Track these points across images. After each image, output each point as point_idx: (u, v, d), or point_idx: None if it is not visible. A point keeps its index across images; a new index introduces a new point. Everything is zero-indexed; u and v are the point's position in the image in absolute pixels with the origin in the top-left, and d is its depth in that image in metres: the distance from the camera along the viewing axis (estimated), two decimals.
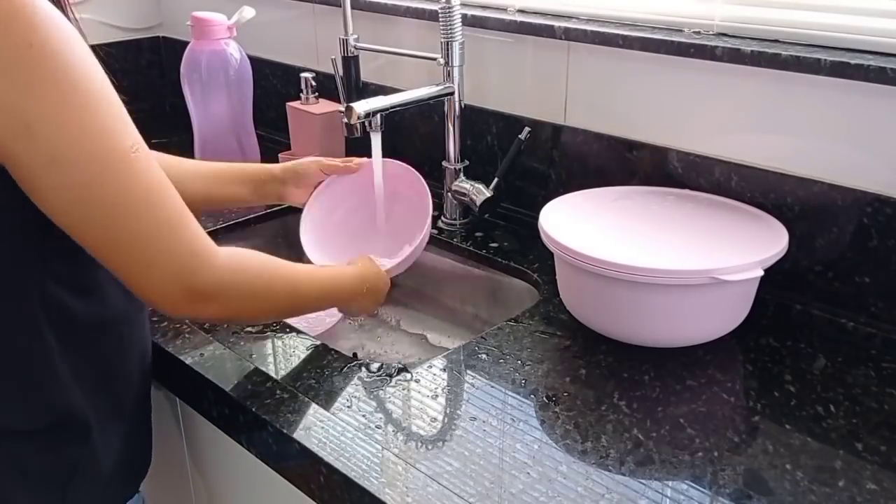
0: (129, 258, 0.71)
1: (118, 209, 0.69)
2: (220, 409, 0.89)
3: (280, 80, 1.65)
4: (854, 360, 0.92)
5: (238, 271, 0.78)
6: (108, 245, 0.71)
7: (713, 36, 1.05)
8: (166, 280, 0.72)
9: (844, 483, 0.73)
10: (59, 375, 0.76)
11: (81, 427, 0.80)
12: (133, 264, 0.71)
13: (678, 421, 0.82)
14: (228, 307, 0.77)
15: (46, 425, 0.78)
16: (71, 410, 0.78)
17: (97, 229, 0.70)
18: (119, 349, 0.83)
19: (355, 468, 0.75)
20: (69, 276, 0.75)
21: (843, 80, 0.92)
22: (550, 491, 0.72)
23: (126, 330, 0.83)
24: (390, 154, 1.17)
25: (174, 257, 0.72)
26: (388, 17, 1.39)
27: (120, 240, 0.70)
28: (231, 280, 0.77)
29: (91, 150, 0.67)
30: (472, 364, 0.93)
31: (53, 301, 0.74)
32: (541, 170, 1.25)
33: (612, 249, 0.90)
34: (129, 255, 0.71)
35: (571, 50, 1.17)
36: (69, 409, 0.78)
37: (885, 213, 0.93)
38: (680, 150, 1.09)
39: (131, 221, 0.70)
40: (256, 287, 0.81)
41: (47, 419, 0.78)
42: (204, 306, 0.75)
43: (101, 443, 0.82)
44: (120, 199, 0.69)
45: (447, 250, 1.26)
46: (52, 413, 0.77)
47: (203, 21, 1.37)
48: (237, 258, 0.79)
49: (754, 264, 0.87)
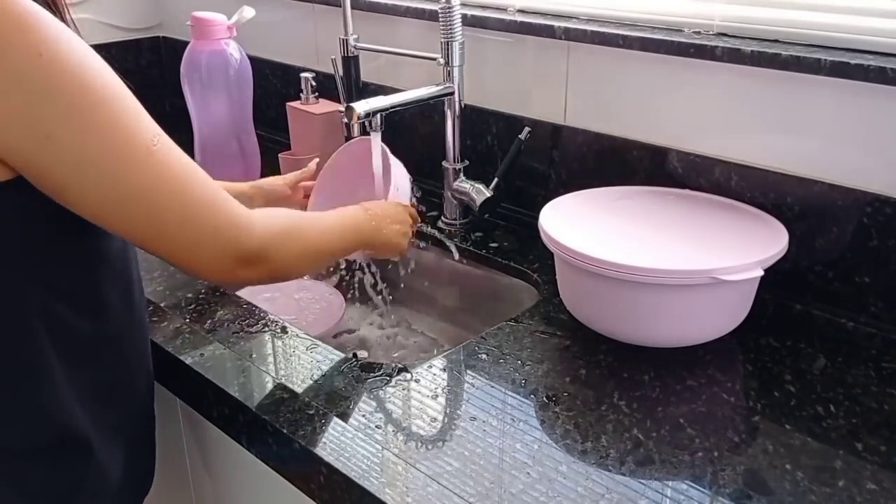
0: (176, 242, 0.73)
1: (152, 199, 0.70)
2: (220, 409, 0.89)
3: (280, 80, 1.65)
4: (854, 360, 0.92)
5: (276, 229, 0.81)
6: (152, 234, 0.72)
7: (713, 36, 1.05)
8: (215, 253, 0.75)
9: (844, 483, 0.73)
10: (60, 393, 0.76)
11: (83, 445, 0.79)
12: (181, 247, 0.74)
13: (678, 421, 0.82)
14: (275, 266, 0.81)
15: (47, 443, 0.77)
16: (72, 428, 0.78)
17: (137, 222, 0.71)
18: (119, 365, 0.83)
19: (355, 468, 0.75)
20: (71, 292, 0.75)
21: (843, 80, 0.92)
22: (550, 491, 0.72)
23: (126, 346, 0.84)
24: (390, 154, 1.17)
25: (218, 231, 0.75)
26: (388, 17, 1.39)
27: (162, 227, 0.72)
28: (273, 239, 0.80)
29: (113, 147, 0.68)
30: (472, 364, 0.93)
31: (54, 317, 0.74)
32: (541, 170, 1.25)
33: (612, 249, 0.90)
34: (175, 239, 0.73)
35: (571, 50, 1.17)
36: (70, 426, 0.77)
37: (885, 213, 0.93)
38: (680, 150, 1.09)
39: (168, 208, 0.71)
40: (293, 239, 0.84)
41: (48, 437, 0.77)
42: (254, 269, 0.78)
43: (105, 460, 0.81)
44: (152, 189, 0.70)
45: (447, 250, 1.26)
46: (53, 431, 0.77)
47: (203, 21, 1.37)
48: (272, 218, 0.82)
49: (754, 264, 0.87)
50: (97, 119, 0.67)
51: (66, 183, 0.67)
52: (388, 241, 1.02)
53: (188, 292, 1.08)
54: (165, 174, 0.71)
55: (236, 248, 0.76)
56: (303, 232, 0.86)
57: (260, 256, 0.78)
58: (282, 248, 0.81)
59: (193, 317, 1.02)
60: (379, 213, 1.01)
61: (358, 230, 0.97)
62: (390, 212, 1.03)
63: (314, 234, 0.89)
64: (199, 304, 1.06)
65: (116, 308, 0.80)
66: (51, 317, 0.74)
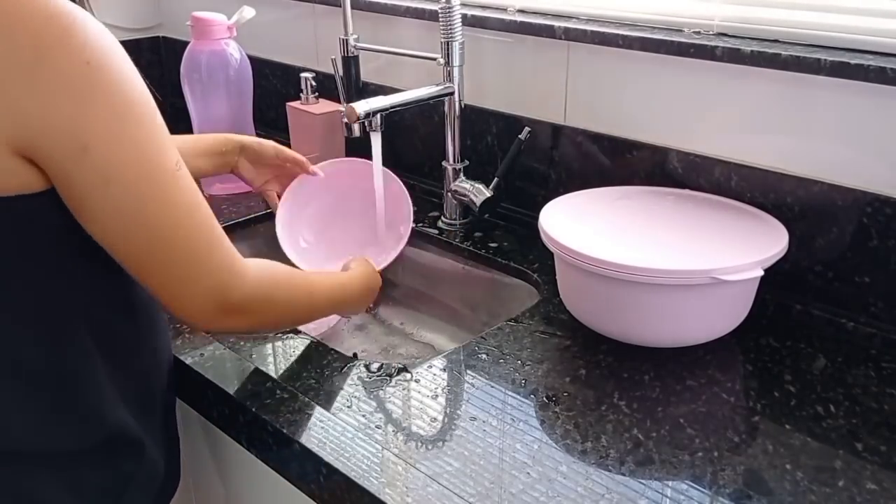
0: (169, 275, 0.72)
1: (162, 227, 0.69)
2: (220, 409, 0.89)
3: (280, 80, 1.65)
4: (854, 360, 0.92)
5: (266, 285, 0.79)
6: (149, 262, 0.71)
7: (713, 36, 1.05)
8: (202, 296, 0.73)
9: (844, 483, 0.73)
10: (107, 392, 0.77)
11: (133, 441, 0.80)
12: (171, 281, 0.72)
13: (678, 421, 0.82)
14: (255, 319, 0.79)
15: (99, 443, 0.78)
16: (122, 425, 0.78)
17: (139, 247, 0.70)
18: (154, 364, 0.84)
19: (355, 468, 0.75)
20: (111, 294, 0.76)
21: (843, 80, 0.92)
22: (550, 491, 0.72)
23: (157, 339, 0.85)
24: (390, 154, 1.18)
25: (211, 274, 0.73)
26: (388, 17, 1.39)
27: (161, 257, 0.70)
28: (260, 294, 0.78)
29: (144, 169, 0.67)
30: (472, 364, 0.93)
31: (95, 319, 0.75)
32: (541, 170, 1.25)
33: (612, 249, 0.90)
34: (169, 271, 0.71)
35: (571, 50, 1.17)
36: (120, 424, 0.78)
37: (885, 213, 0.93)
38: (680, 150, 1.09)
39: (173, 239, 0.70)
40: (279, 298, 0.82)
41: (99, 437, 0.77)
42: (235, 320, 0.76)
43: (152, 454, 0.82)
44: (164, 217, 0.69)
45: (447, 250, 1.26)
46: (103, 430, 0.77)
47: (203, 21, 1.37)
48: (265, 271, 0.80)
49: (754, 264, 0.87)
50: (135, 136, 0.66)
51: (90, 197, 0.66)
52: (359, 309, 1.06)
53: None
54: (179, 203, 0.70)
55: (222, 294, 0.74)
56: (292, 292, 0.85)
57: (244, 308, 0.76)
58: (266, 304, 0.80)
59: None
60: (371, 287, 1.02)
61: (347, 303, 0.98)
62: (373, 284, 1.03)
63: (302, 297, 0.87)
64: None
65: (145, 304, 0.81)
66: (92, 319, 0.74)
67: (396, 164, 1.43)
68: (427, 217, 1.33)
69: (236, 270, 0.75)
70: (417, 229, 1.28)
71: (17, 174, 0.65)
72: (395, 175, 1.20)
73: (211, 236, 0.73)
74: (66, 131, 0.63)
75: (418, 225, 1.29)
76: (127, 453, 0.80)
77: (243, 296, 0.76)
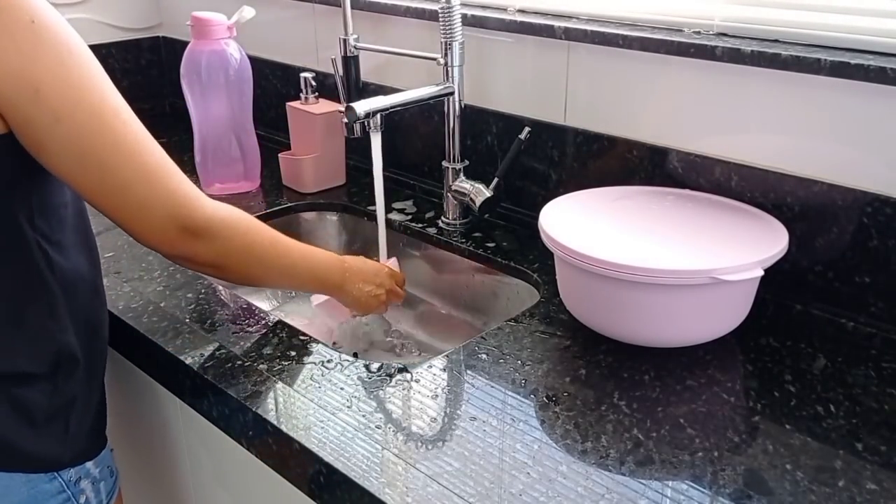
0: (125, 201, 0.80)
1: (114, 156, 0.78)
2: (220, 409, 0.89)
3: (280, 80, 1.65)
4: (854, 360, 0.92)
5: (227, 219, 0.87)
6: (105, 191, 0.79)
7: (713, 36, 1.05)
8: (160, 218, 0.81)
9: (844, 483, 0.73)
10: (62, 320, 0.86)
11: (75, 363, 0.88)
12: (128, 207, 0.80)
13: (678, 421, 0.82)
14: (219, 249, 0.86)
15: (50, 367, 0.86)
16: (69, 350, 0.87)
17: (95, 177, 0.78)
18: (96, 300, 0.93)
19: (355, 468, 0.75)
20: (50, 233, 0.84)
21: (843, 80, 0.92)
22: (550, 491, 0.72)
23: (100, 283, 0.94)
24: (390, 154, 1.17)
25: (167, 198, 0.81)
26: (388, 17, 1.39)
27: (116, 185, 0.79)
28: (221, 222, 0.85)
29: (90, 105, 0.76)
30: (472, 364, 0.93)
31: (45, 251, 0.83)
32: (541, 170, 1.25)
33: (612, 249, 0.90)
34: (125, 198, 0.80)
35: (571, 50, 1.17)
36: (68, 348, 0.87)
37: (885, 213, 0.93)
38: (680, 150, 1.09)
39: (125, 167, 0.79)
40: (242, 234, 0.89)
41: (51, 360, 0.86)
42: (196, 243, 0.84)
43: (89, 381, 0.91)
44: (115, 148, 0.78)
45: (447, 250, 1.26)
46: (56, 355, 0.86)
47: (203, 21, 1.37)
48: (225, 207, 0.87)
49: (754, 264, 0.87)
50: (79, 80, 0.76)
51: (46, 135, 0.75)
52: (355, 298, 1.04)
53: (188, 292, 1.08)
54: (126, 135, 0.78)
55: (180, 217, 0.81)
56: (254, 235, 0.90)
57: (204, 232, 0.83)
58: (229, 235, 0.86)
59: (193, 317, 1.02)
60: (353, 267, 1.03)
61: (322, 275, 1.00)
62: (367, 271, 1.04)
63: (268, 245, 0.92)
64: (199, 304, 1.06)
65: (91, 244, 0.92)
66: (43, 250, 0.83)
67: (396, 164, 1.43)
68: (427, 217, 1.33)
69: (192, 195, 0.83)
70: (417, 229, 1.28)
71: None
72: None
73: (162, 165, 0.81)
74: (19, 77, 0.73)
75: (418, 225, 1.29)
76: (70, 374, 0.88)
77: (202, 218, 0.83)
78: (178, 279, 1.12)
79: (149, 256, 1.18)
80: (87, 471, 0.91)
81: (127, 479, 1.22)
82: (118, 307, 1.04)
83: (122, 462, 1.20)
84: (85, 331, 0.90)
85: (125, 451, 1.17)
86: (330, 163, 1.46)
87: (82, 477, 0.91)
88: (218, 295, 1.09)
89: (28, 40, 0.73)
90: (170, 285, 1.10)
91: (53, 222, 0.85)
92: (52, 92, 0.74)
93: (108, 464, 0.96)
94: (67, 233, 0.87)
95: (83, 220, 0.91)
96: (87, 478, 0.91)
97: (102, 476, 0.94)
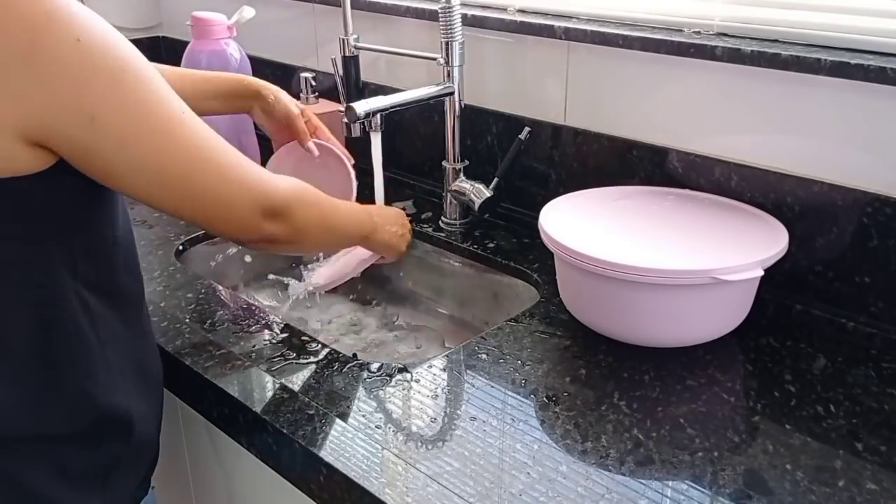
0: (209, 203, 0.77)
1: (189, 165, 0.74)
2: (220, 409, 0.89)
3: (280, 80, 1.65)
4: (854, 360, 0.92)
5: (298, 189, 0.86)
6: (187, 200, 0.76)
7: (713, 36, 1.05)
8: (247, 210, 0.79)
9: (844, 483, 0.73)
10: (101, 374, 0.79)
11: (124, 422, 0.81)
12: (214, 208, 0.78)
13: (678, 421, 0.82)
14: (296, 223, 0.84)
15: (90, 425, 0.79)
16: (114, 407, 0.80)
17: (174, 191, 0.75)
18: (146, 346, 0.87)
19: (355, 468, 0.75)
20: (94, 277, 0.77)
21: (843, 80, 0.92)
22: (550, 491, 0.72)
23: (146, 325, 0.88)
24: (390, 153, 1.17)
25: (247, 189, 0.79)
26: (388, 17, 1.39)
27: (196, 191, 0.76)
28: (295, 196, 0.85)
29: (155, 123, 0.71)
30: (472, 364, 0.93)
31: (87, 303, 0.76)
32: (541, 170, 1.25)
33: (612, 249, 0.90)
34: (209, 201, 0.77)
35: (571, 50, 1.17)
36: (112, 406, 0.80)
37: (885, 213, 0.93)
38: (680, 150, 1.09)
39: (202, 172, 0.75)
40: (312, 203, 0.88)
41: (91, 419, 0.79)
42: (278, 223, 0.82)
43: (140, 435, 0.84)
44: (188, 157, 0.74)
45: (447, 250, 1.26)
46: (95, 412, 0.79)
47: (203, 21, 1.37)
48: (291, 180, 0.86)
49: (754, 264, 0.87)
50: (136, 98, 0.70)
51: (112, 161, 0.70)
52: (387, 242, 1.05)
53: (188, 292, 1.08)
54: (199, 141, 0.75)
55: (265, 200, 0.80)
56: (319, 198, 0.90)
57: (284, 210, 0.82)
58: (303, 207, 0.85)
59: (193, 317, 1.02)
60: (380, 213, 1.06)
61: (360, 226, 1.01)
62: (390, 215, 1.08)
63: (329, 206, 0.92)
64: (199, 304, 1.06)
65: (131, 289, 0.84)
66: (84, 302, 0.76)
67: (396, 164, 1.43)
68: (427, 217, 1.33)
69: (268, 178, 0.82)
70: (418, 229, 1.28)
71: (16, 159, 0.67)
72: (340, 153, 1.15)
73: (233, 159, 0.78)
74: (71, 108, 0.66)
75: (418, 225, 1.29)
76: (115, 435, 0.81)
77: (282, 197, 0.82)
78: (178, 279, 1.12)
79: (149, 256, 1.18)
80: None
81: None
82: None
83: None
84: (135, 382, 0.83)
85: None
86: None
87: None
88: (218, 295, 1.09)
89: (75, 63, 0.66)
90: (170, 285, 1.10)
91: (102, 266, 0.78)
92: (110, 118, 0.68)
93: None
94: (118, 274, 0.81)
95: (132, 255, 0.84)
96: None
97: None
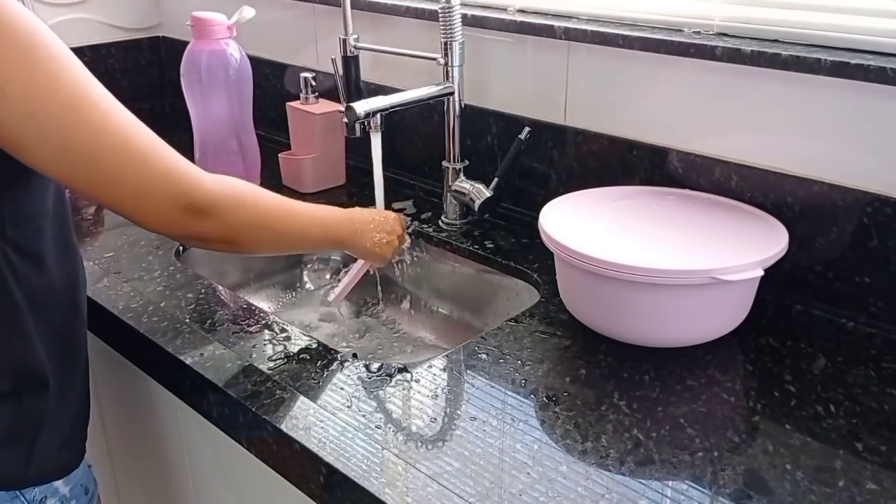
0: (121, 190, 0.76)
1: (99, 146, 0.74)
2: (220, 409, 0.89)
3: (280, 80, 1.65)
4: (854, 360, 0.92)
5: (229, 191, 0.83)
6: (98, 182, 0.76)
7: (713, 36, 1.05)
8: (162, 201, 0.78)
9: (844, 483, 0.73)
10: (27, 335, 0.82)
11: (42, 383, 0.84)
12: (126, 195, 0.77)
13: (678, 421, 0.82)
14: (226, 224, 0.82)
15: (13, 385, 0.82)
16: (35, 368, 0.83)
17: (84, 171, 0.75)
18: (72, 313, 0.89)
19: (355, 468, 0.75)
20: (22, 244, 0.80)
21: (843, 80, 0.92)
22: (550, 491, 0.72)
23: (80, 299, 0.90)
24: (390, 153, 1.17)
25: (165, 179, 0.77)
26: (388, 17, 1.39)
27: (107, 175, 0.75)
28: (224, 197, 0.82)
29: (64, 98, 0.72)
30: (472, 364, 0.93)
31: (13, 263, 0.79)
32: (541, 170, 1.25)
33: (612, 249, 0.90)
34: (120, 187, 0.76)
35: (571, 50, 1.17)
36: (34, 366, 0.83)
37: (885, 213, 0.93)
38: (680, 150, 1.09)
39: (113, 155, 0.75)
40: (248, 207, 0.85)
41: (14, 379, 0.82)
42: (203, 221, 0.80)
43: (59, 398, 0.87)
44: (99, 137, 0.74)
45: (447, 250, 1.26)
46: (20, 373, 0.82)
47: (203, 21, 1.37)
48: (225, 180, 0.84)
49: (754, 264, 0.87)
50: (46, 71, 0.71)
51: (22, 134, 0.72)
52: (367, 248, 1.03)
53: (188, 292, 1.08)
54: (114, 125, 0.75)
55: (184, 195, 0.78)
56: (260, 204, 0.87)
57: (211, 209, 0.80)
58: (233, 209, 0.83)
59: (193, 317, 1.02)
60: (361, 218, 1.02)
61: (333, 232, 0.98)
62: (376, 219, 1.04)
63: (274, 213, 0.89)
64: (199, 304, 1.06)
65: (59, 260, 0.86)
66: (11, 266, 0.79)
67: (396, 164, 1.43)
68: (427, 217, 1.33)
69: (192, 173, 0.79)
70: (418, 229, 1.28)
71: None
72: None
73: (153, 148, 0.77)
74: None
75: (418, 225, 1.29)
76: (34, 390, 0.84)
77: (206, 194, 0.80)
78: (177, 279, 1.12)
79: (149, 256, 1.18)
80: (56, 489, 0.88)
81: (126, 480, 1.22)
82: (118, 307, 1.04)
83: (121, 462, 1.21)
84: (58, 349, 0.86)
85: (124, 452, 1.17)
86: (330, 163, 1.46)
87: (48, 496, 0.88)
88: (218, 295, 1.09)
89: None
90: (170, 285, 1.10)
91: (29, 232, 0.81)
92: (18, 89, 0.70)
93: (83, 482, 0.93)
94: (46, 244, 0.84)
95: (65, 231, 0.88)
96: (55, 496, 0.88)
97: (74, 494, 0.91)
